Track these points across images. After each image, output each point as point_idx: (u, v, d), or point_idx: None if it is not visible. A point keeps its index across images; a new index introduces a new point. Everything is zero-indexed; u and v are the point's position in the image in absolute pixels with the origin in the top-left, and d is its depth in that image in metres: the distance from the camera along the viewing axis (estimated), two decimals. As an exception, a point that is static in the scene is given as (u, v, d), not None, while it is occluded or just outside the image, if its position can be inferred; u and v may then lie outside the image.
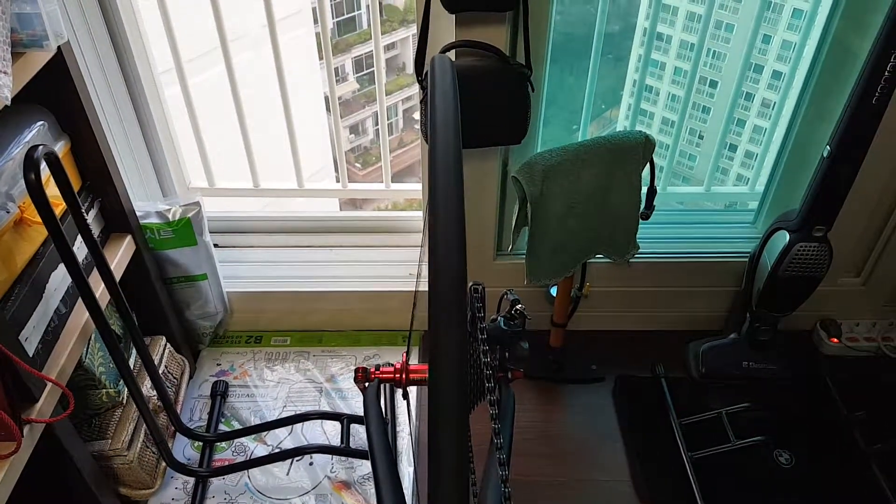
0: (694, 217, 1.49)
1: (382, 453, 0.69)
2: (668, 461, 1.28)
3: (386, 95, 1.50)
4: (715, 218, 1.49)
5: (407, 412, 1.28)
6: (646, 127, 1.27)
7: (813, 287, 1.29)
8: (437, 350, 0.43)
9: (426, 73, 1.13)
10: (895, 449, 1.27)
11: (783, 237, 1.26)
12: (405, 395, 0.85)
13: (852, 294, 1.49)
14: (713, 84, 1.93)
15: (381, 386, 0.77)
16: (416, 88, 1.16)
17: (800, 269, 1.26)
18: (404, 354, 0.79)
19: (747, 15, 1.45)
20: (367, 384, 0.77)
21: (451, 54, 1.13)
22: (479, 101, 1.08)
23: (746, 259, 1.41)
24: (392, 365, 0.78)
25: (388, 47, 7.30)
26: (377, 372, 0.76)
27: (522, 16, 1.10)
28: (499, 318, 0.77)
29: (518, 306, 0.74)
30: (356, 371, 0.78)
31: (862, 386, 1.41)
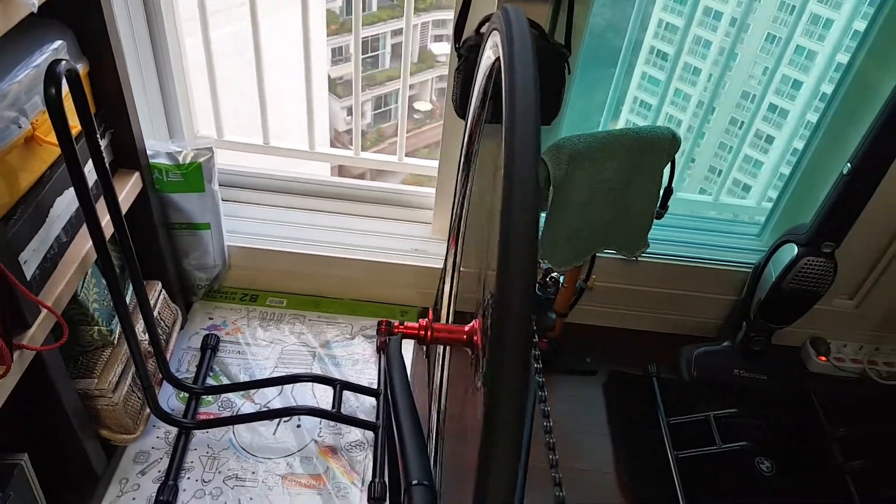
0: (702, 224, 1.50)
1: (407, 412, 0.67)
2: (653, 458, 1.29)
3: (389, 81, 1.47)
4: (722, 227, 1.50)
5: (428, 375, 1.25)
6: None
7: (812, 302, 1.31)
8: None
9: (464, 41, 1.12)
10: (872, 467, 1.29)
11: (791, 250, 1.27)
12: (428, 355, 0.83)
13: (844, 315, 1.52)
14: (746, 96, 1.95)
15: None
16: (419, 77, 1.12)
17: (804, 282, 1.27)
18: (431, 311, 0.76)
19: (766, 17, 1.45)
20: (389, 338, 0.75)
21: (485, 28, 1.11)
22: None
23: (748, 270, 1.42)
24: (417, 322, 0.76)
25: (395, 33, 7.30)
26: (402, 326, 0.74)
27: (568, -4, 1.09)
28: (533, 285, 0.75)
29: (553, 273, 0.73)
30: (379, 323, 0.76)
31: (845, 404, 1.43)
